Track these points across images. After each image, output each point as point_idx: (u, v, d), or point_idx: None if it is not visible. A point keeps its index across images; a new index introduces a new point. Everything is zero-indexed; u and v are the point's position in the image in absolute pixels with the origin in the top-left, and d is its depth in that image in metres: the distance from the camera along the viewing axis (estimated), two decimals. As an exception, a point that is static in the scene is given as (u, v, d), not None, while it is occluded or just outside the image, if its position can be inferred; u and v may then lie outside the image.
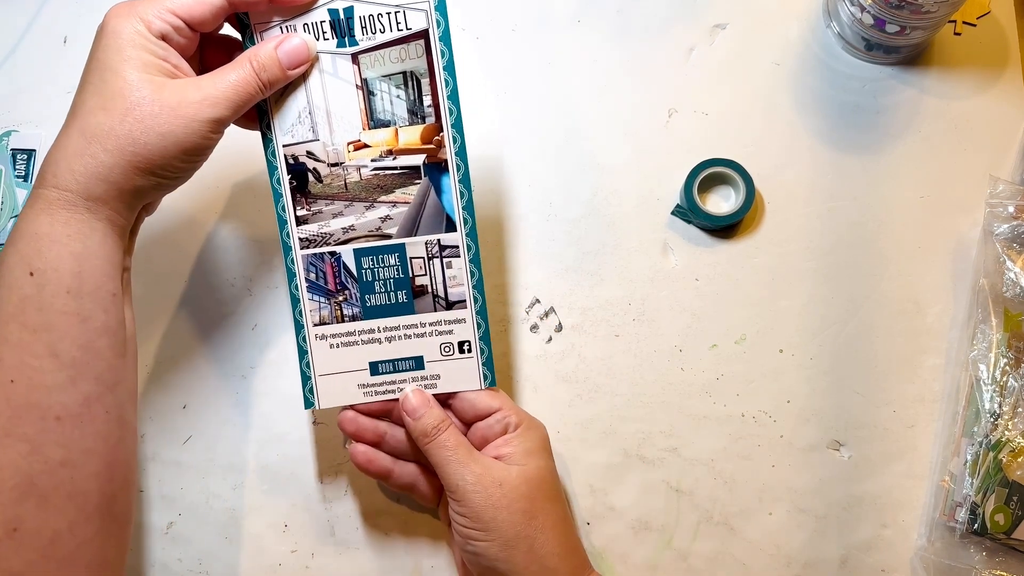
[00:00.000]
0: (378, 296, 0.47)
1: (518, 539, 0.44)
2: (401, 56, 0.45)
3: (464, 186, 0.47)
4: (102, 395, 0.41)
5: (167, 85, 0.41)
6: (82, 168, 0.40)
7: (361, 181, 0.47)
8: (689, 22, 0.61)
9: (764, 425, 0.55)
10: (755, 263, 0.57)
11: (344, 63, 0.45)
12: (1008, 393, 0.52)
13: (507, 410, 0.48)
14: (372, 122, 0.46)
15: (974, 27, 0.60)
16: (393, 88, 0.46)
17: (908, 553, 0.53)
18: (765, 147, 0.59)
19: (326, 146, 0.46)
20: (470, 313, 0.48)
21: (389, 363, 0.48)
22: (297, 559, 0.53)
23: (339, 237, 0.47)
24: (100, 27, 0.42)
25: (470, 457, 0.46)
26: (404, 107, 0.46)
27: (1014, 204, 0.55)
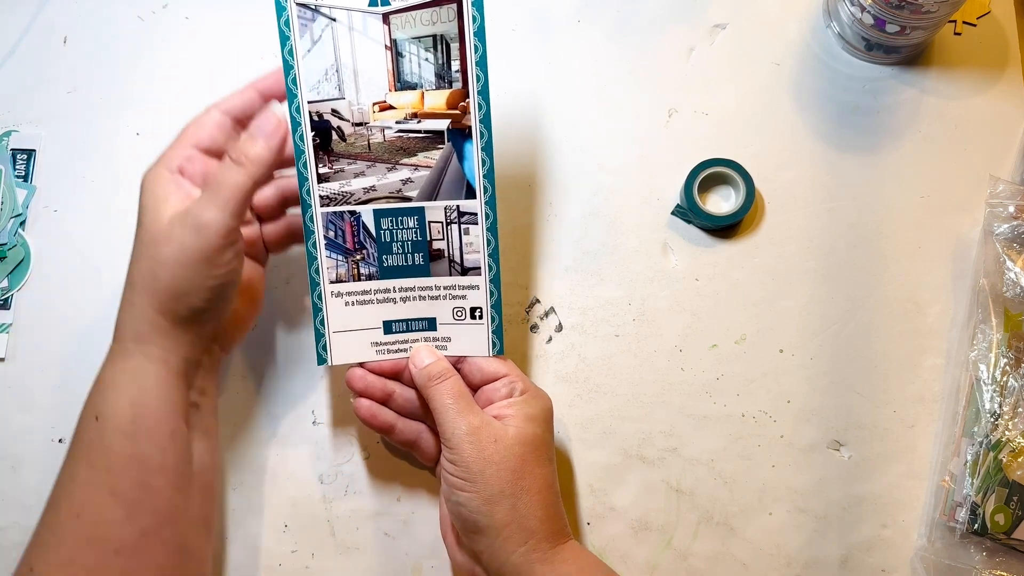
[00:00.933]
0: (395, 257, 0.48)
1: (502, 495, 0.44)
2: (432, 19, 0.45)
3: (487, 154, 0.46)
4: (159, 528, 0.43)
5: (167, 219, 0.43)
6: (128, 316, 0.44)
7: (384, 142, 0.47)
8: (689, 22, 0.61)
9: (764, 425, 0.55)
10: (755, 263, 0.57)
11: (375, 22, 0.45)
12: (1008, 393, 0.52)
13: (515, 377, 0.49)
14: (399, 84, 0.46)
15: (974, 27, 0.60)
16: (422, 51, 0.45)
17: (908, 553, 0.53)
18: (765, 147, 0.59)
19: (351, 105, 0.46)
20: (484, 280, 0.48)
21: (402, 323, 0.48)
22: (297, 559, 0.53)
23: (360, 197, 0.47)
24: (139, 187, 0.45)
25: (470, 408, 0.46)
26: (432, 71, 0.46)
27: (1014, 204, 0.55)
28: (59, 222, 0.58)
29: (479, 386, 0.49)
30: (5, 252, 0.57)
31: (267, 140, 0.44)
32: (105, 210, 0.58)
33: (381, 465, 0.55)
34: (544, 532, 0.45)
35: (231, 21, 0.62)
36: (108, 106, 0.60)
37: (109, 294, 0.57)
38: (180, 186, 0.44)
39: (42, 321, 0.57)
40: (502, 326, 0.49)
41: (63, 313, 0.57)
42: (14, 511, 0.54)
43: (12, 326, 0.57)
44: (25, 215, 0.58)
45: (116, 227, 0.58)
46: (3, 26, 0.62)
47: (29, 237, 0.58)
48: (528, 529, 0.45)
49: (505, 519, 0.44)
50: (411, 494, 0.54)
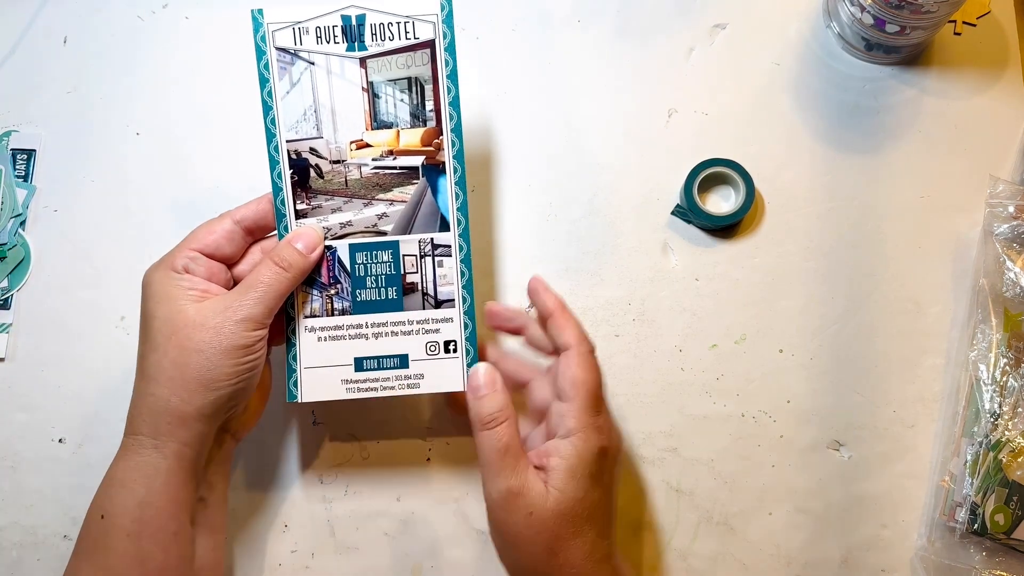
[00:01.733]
0: (368, 291, 0.48)
1: (533, 572, 0.43)
2: (407, 63, 0.47)
3: (460, 188, 0.48)
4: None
5: (194, 308, 0.44)
6: (146, 408, 0.44)
7: (361, 179, 0.48)
8: (689, 22, 0.61)
9: (764, 425, 0.55)
10: (755, 263, 0.57)
11: (352, 66, 0.47)
12: (1008, 393, 0.52)
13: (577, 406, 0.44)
14: (375, 123, 0.48)
15: (974, 27, 0.60)
16: (397, 92, 0.47)
17: (908, 553, 0.53)
18: (765, 147, 0.59)
19: (329, 144, 0.48)
20: (458, 312, 0.48)
21: (374, 359, 0.48)
22: (297, 559, 0.53)
23: (336, 232, 0.48)
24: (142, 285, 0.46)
25: (512, 467, 0.43)
26: (407, 110, 0.48)
27: (1014, 204, 0.55)
28: (59, 222, 0.58)
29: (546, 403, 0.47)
30: (5, 252, 0.57)
31: (310, 252, 0.47)
32: (105, 210, 0.58)
33: (381, 465, 0.55)
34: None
35: (231, 21, 0.62)
36: (108, 106, 0.60)
37: (109, 294, 0.57)
38: (192, 283, 0.45)
39: (42, 321, 0.57)
40: (477, 359, 0.48)
41: (63, 313, 0.57)
42: (14, 511, 0.54)
43: (12, 326, 0.57)
44: (25, 215, 0.58)
45: (116, 227, 0.58)
46: (3, 26, 0.62)
47: (29, 237, 0.58)
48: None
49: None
50: (411, 494, 0.54)
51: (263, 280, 0.45)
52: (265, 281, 0.45)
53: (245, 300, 0.44)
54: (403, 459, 0.55)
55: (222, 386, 0.44)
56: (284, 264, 0.46)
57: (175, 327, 0.44)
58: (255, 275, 0.45)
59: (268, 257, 0.46)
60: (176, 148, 0.60)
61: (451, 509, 0.54)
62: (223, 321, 0.44)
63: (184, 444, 0.44)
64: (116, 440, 0.55)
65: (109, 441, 0.55)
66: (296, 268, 0.46)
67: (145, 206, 0.59)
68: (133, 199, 0.59)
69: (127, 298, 0.57)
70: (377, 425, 0.55)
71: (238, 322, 0.44)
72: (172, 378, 0.43)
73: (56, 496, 0.54)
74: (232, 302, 0.44)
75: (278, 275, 0.45)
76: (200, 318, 0.44)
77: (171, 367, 0.43)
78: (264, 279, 0.45)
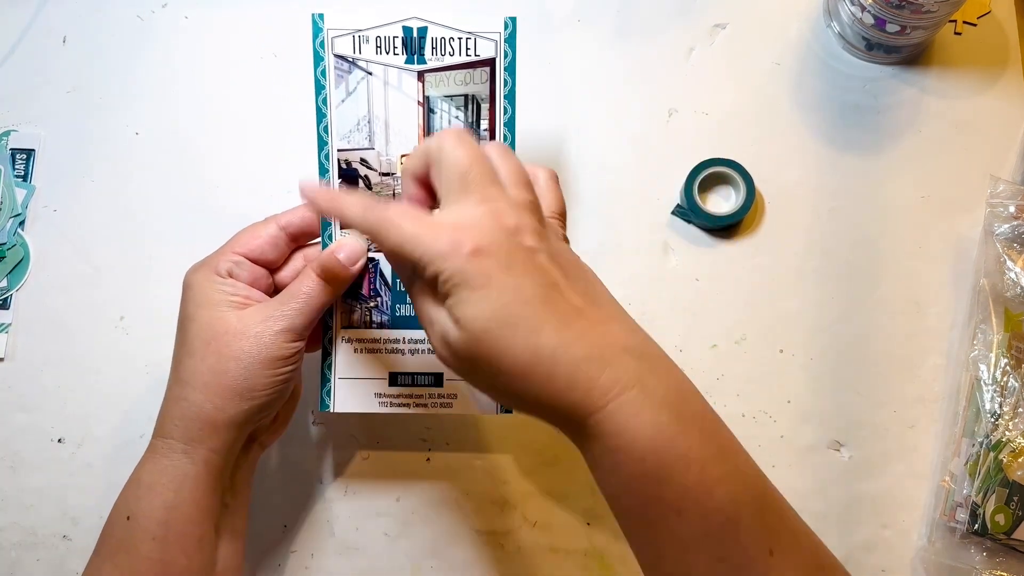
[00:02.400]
0: (408, 307, 0.47)
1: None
2: (466, 80, 0.46)
3: None
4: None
5: (235, 315, 0.44)
6: (179, 412, 0.43)
7: None
8: (689, 22, 0.61)
9: (764, 425, 0.55)
10: (755, 263, 0.57)
11: (409, 79, 0.46)
12: (1009, 393, 0.52)
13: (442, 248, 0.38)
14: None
15: (974, 27, 0.60)
16: (453, 108, 0.47)
17: (909, 553, 0.53)
18: (765, 147, 0.59)
19: (380, 155, 0.47)
20: None
21: (409, 376, 0.48)
22: (297, 559, 0.53)
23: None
24: (182, 285, 0.46)
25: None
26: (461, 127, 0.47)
27: (1014, 204, 0.55)
28: (59, 222, 0.58)
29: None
30: (5, 252, 0.57)
31: (352, 264, 0.45)
32: (105, 210, 0.58)
33: (381, 465, 0.55)
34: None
35: (231, 21, 0.62)
36: (108, 106, 0.60)
37: (109, 294, 0.57)
38: (236, 288, 0.45)
39: (42, 321, 0.57)
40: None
41: (63, 313, 0.57)
42: (14, 511, 0.54)
43: (12, 326, 0.57)
44: (25, 215, 0.58)
45: (116, 227, 0.58)
46: (3, 26, 0.62)
47: (29, 237, 0.58)
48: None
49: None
50: (411, 494, 0.54)
51: (304, 291, 0.44)
52: (306, 292, 0.44)
53: (286, 310, 0.44)
54: (403, 460, 0.55)
55: (257, 396, 0.43)
56: (328, 275, 0.45)
57: (215, 333, 0.43)
58: (297, 285, 0.45)
59: (310, 267, 0.45)
60: (176, 148, 0.60)
61: (451, 509, 0.54)
62: (263, 331, 0.43)
63: (214, 451, 0.44)
64: (116, 440, 0.55)
65: (109, 441, 0.55)
66: (338, 280, 0.45)
67: (145, 206, 0.59)
68: (133, 199, 0.59)
69: (127, 298, 0.57)
70: (377, 425, 0.55)
71: (278, 332, 0.43)
72: (208, 384, 0.43)
73: (56, 496, 0.54)
74: (273, 312, 0.44)
75: (320, 287, 0.45)
76: (240, 326, 0.43)
77: (208, 373, 0.43)
78: (305, 290, 0.44)
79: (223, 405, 0.43)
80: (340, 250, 0.45)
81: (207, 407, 0.43)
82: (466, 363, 0.36)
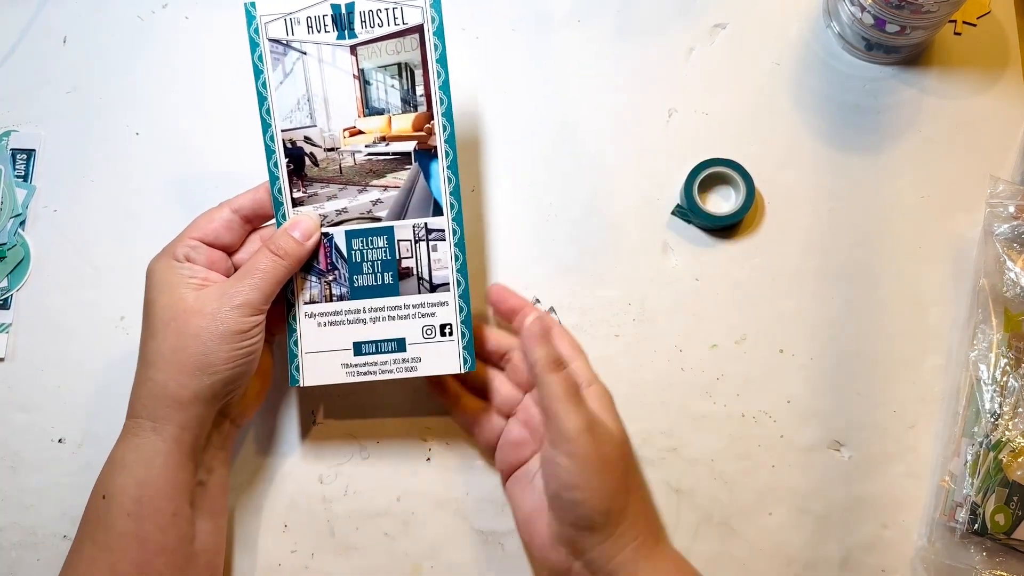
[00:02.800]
0: (365, 277, 0.49)
1: (618, 493, 0.46)
2: (397, 48, 0.48)
3: (452, 172, 0.49)
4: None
5: (193, 295, 0.46)
6: (145, 392, 0.45)
7: (355, 166, 0.49)
8: (689, 22, 0.61)
9: (764, 425, 0.55)
10: (755, 263, 0.57)
11: (343, 54, 0.48)
12: (1008, 393, 0.52)
13: (582, 362, 0.51)
14: (367, 110, 0.49)
15: (974, 27, 0.60)
16: (388, 78, 0.48)
17: (908, 553, 0.53)
18: (765, 147, 0.59)
19: (323, 132, 0.49)
20: (453, 296, 0.49)
21: (372, 344, 0.49)
22: (297, 559, 0.53)
23: (332, 219, 0.49)
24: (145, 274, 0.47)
25: (583, 402, 0.47)
26: (398, 96, 0.48)
27: (1014, 204, 0.55)
28: (59, 222, 0.58)
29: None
30: (5, 252, 0.57)
31: (306, 240, 0.48)
32: (105, 210, 0.58)
33: (381, 465, 0.55)
34: (650, 529, 0.47)
35: (231, 21, 0.61)
36: (108, 106, 0.60)
37: (109, 294, 0.57)
38: (193, 271, 0.46)
39: (42, 321, 0.57)
40: (472, 342, 0.49)
41: (63, 313, 0.57)
42: (14, 511, 0.54)
43: (12, 326, 0.57)
44: (25, 215, 0.58)
45: (116, 227, 0.58)
46: (3, 26, 0.62)
47: (29, 237, 0.58)
48: (638, 527, 0.46)
49: (619, 517, 0.45)
50: (411, 494, 0.54)
51: (260, 268, 0.46)
52: (262, 268, 0.46)
53: (241, 287, 0.46)
54: (403, 459, 0.55)
55: (218, 370, 0.45)
56: (281, 252, 0.47)
57: (174, 314, 0.45)
58: (252, 263, 0.47)
59: (265, 245, 0.47)
60: (176, 148, 0.60)
61: (451, 509, 0.54)
62: (219, 307, 0.45)
63: (182, 427, 0.45)
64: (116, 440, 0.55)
65: (109, 441, 0.55)
66: (293, 256, 0.47)
67: (145, 206, 0.59)
68: (133, 199, 0.59)
69: (127, 298, 0.57)
70: (377, 425, 0.55)
71: (234, 308, 0.45)
72: (170, 363, 0.45)
73: (56, 496, 0.54)
74: (229, 289, 0.46)
75: (275, 263, 0.46)
76: (198, 305, 0.45)
77: (169, 352, 0.45)
78: (261, 266, 0.46)
79: (185, 382, 0.44)
80: (294, 228, 0.48)
81: (171, 385, 0.44)
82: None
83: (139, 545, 0.44)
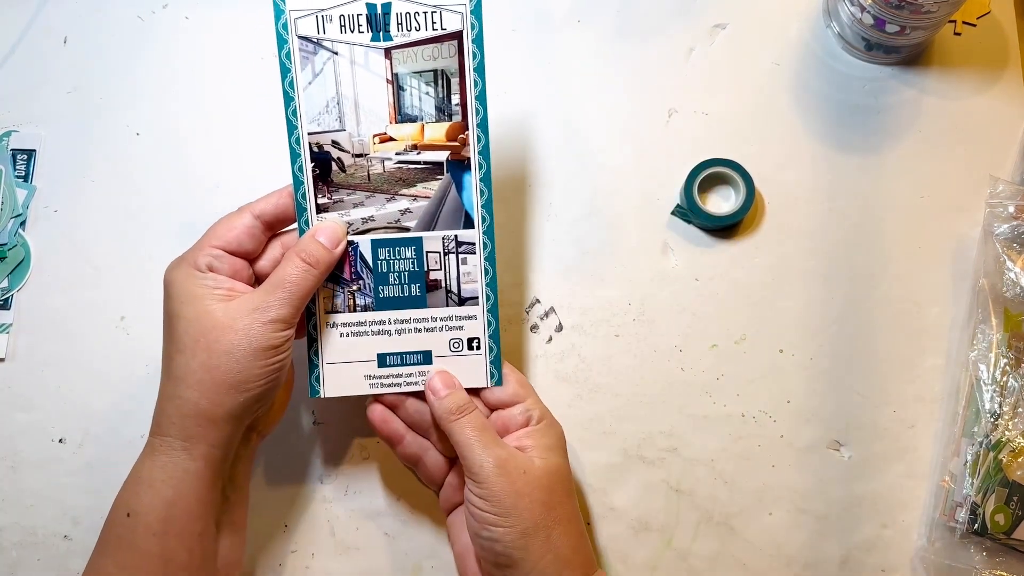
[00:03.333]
0: (391, 288, 0.48)
1: (536, 528, 0.44)
2: (434, 54, 0.46)
3: (485, 185, 0.47)
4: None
5: (222, 309, 0.43)
6: (175, 410, 0.43)
7: (384, 173, 0.47)
8: (689, 22, 0.61)
9: (764, 425, 0.55)
10: (755, 263, 0.57)
11: (376, 57, 0.46)
12: (1008, 393, 0.52)
13: (532, 403, 0.48)
14: (399, 116, 0.47)
15: (974, 27, 0.60)
16: (423, 85, 0.46)
17: (908, 553, 0.53)
18: (765, 147, 0.59)
19: (352, 136, 0.47)
20: (481, 310, 0.48)
21: (397, 356, 0.48)
22: (297, 559, 0.53)
23: (358, 227, 0.47)
24: (163, 283, 0.45)
25: (494, 441, 0.46)
26: (432, 104, 0.47)
27: (1014, 204, 0.55)
28: (59, 222, 0.58)
29: (495, 408, 0.49)
30: (5, 252, 0.57)
31: (334, 247, 0.46)
32: (105, 210, 0.58)
33: (381, 465, 0.55)
34: (576, 562, 0.45)
35: (231, 21, 0.62)
36: (108, 106, 0.60)
37: (109, 294, 0.57)
38: (217, 282, 0.45)
39: (42, 321, 0.57)
40: (500, 356, 0.48)
41: (63, 313, 0.57)
42: (14, 511, 0.54)
43: (12, 326, 0.57)
44: (25, 215, 0.58)
45: (116, 227, 0.58)
46: (3, 26, 0.62)
47: (29, 237, 0.58)
48: (562, 560, 0.44)
49: (540, 552, 0.44)
50: (411, 494, 0.54)
51: (289, 278, 0.44)
52: (292, 279, 0.44)
53: (272, 300, 0.44)
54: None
55: (252, 388, 0.43)
56: (311, 260, 0.45)
57: (203, 328, 0.43)
58: (281, 273, 0.45)
59: (293, 252, 0.45)
60: (176, 148, 0.60)
61: (451, 509, 0.54)
62: (252, 322, 0.43)
63: (213, 446, 0.43)
64: (116, 440, 0.55)
65: (109, 441, 0.55)
66: (323, 263, 0.45)
67: (145, 206, 0.59)
68: (133, 199, 0.59)
69: (127, 298, 0.57)
70: (377, 425, 0.55)
71: (267, 323, 0.43)
72: (201, 380, 0.43)
73: (56, 496, 0.54)
74: (260, 302, 0.44)
75: (305, 271, 0.45)
76: (228, 320, 0.43)
77: (200, 369, 0.43)
78: (291, 277, 0.44)
79: (219, 400, 0.43)
80: (320, 233, 0.46)
81: (203, 403, 0.43)
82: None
83: (163, 565, 0.43)
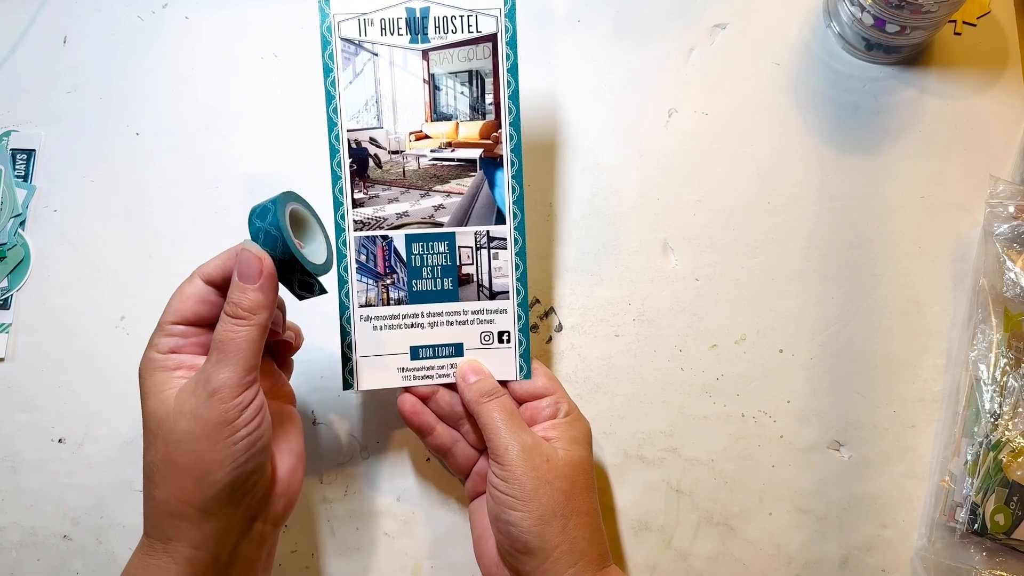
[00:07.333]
0: (424, 281, 0.49)
1: (554, 516, 0.44)
2: (469, 56, 0.48)
3: (517, 182, 0.49)
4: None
5: (174, 395, 0.40)
6: (150, 512, 0.41)
7: (419, 170, 0.49)
8: (689, 22, 0.61)
9: (764, 425, 0.55)
10: (755, 263, 0.57)
11: (414, 58, 0.48)
12: (1008, 393, 0.52)
13: (560, 396, 0.49)
14: (435, 115, 0.49)
15: (974, 27, 0.60)
16: (458, 84, 0.48)
17: (908, 553, 0.53)
18: (765, 147, 0.59)
19: (389, 134, 0.48)
20: (512, 304, 0.49)
21: (429, 348, 0.49)
22: (297, 559, 0.53)
23: (392, 222, 0.49)
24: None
25: (521, 427, 0.46)
26: (467, 103, 0.48)
27: (1014, 204, 0.55)
28: (59, 222, 0.58)
29: (523, 401, 0.49)
30: (5, 252, 0.57)
31: (256, 284, 0.41)
32: (105, 210, 0.58)
33: (381, 465, 0.55)
34: (592, 555, 0.45)
35: (231, 21, 0.62)
36: (108, 106, 0.60)
37: (109, 294, 0.57)
38: (179, 362, 0.41)
39: (42, 321, 0.57)
40: (529, 349, 0.49)
41: (63, 313, 0.57)
42: (14, 511, 0.54)
43: (12, 326, 0.57)
44: (25, 215, 0.58)
45: (116, 227, 0.58)
46: (3, 26, 0.62)
47: (29, 237, 0.58)
48: (577, 551, 0.44)
49: (556, 540, 0.44)
50: (411, 494, 0.54)
51: (222, 339, 0.40)
52: (229, 339, 0.40)
53: (210, 367, 0.40)
54: (403, 459, 0.55)
55: (218, 474, 0.39)
56: (240, 313, 0.40)
57: (159, 420, 0.40)
58: (215, 336, 0.41)
59: (224, 311, 0.41)
60: (176, 148, 0.60)
61: (451, 509, 0.54)
62: (197, 401, 0.39)
63: (196, 548, 0.40)
64: (116, 440, 0.55)
65: (109, 441, 0.55)
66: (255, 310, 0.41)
67: (145, 206, 0.59)
68: (133, 199, 0.59)
69: (127, 298, 0.57)
70: (377, 425, 0.55)
71: (211, 396, 0.39)
72: (165, 477, 0.39)
73: (56, 496, 0.54)
74: (200, 375, 0.40)
75: (237, 327, 0.40)
76: (177, 404, 0.40)
77: (163, 465, 0.39)
78: (224, 337, 0.40)
79: (185, 497, 0.39)
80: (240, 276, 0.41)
81: (172, 502, 0.39)
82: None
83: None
